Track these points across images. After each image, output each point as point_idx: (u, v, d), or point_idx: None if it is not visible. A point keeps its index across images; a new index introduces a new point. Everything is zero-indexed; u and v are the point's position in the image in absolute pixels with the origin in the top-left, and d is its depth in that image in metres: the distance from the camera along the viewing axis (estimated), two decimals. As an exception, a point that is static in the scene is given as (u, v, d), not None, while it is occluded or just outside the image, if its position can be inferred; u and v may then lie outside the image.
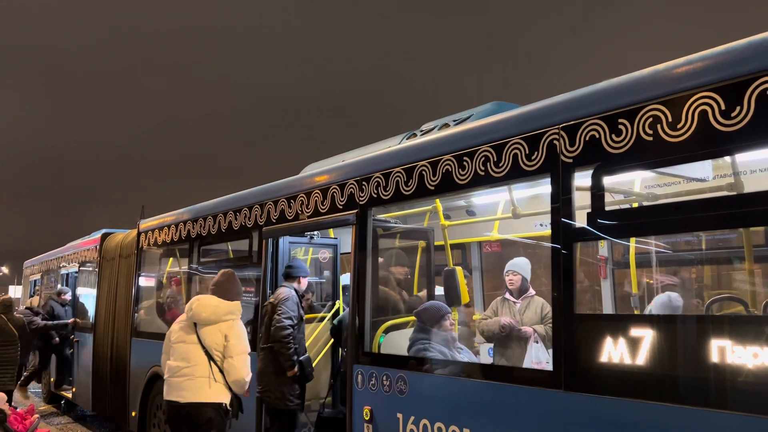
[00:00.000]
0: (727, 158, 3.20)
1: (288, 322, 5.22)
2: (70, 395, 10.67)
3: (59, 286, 11.77)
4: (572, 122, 3.24)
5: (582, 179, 3.21)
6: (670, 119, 2.83)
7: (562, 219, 3.21)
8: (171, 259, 8.05)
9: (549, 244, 3.31)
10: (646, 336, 2.82)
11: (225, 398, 4.55)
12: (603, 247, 5.08)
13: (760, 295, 3.73)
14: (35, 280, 14.91)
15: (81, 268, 10.91)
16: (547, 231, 3.36)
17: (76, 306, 11.08)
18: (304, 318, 5.55)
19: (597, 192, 3.10)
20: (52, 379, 11.63)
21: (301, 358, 5.30)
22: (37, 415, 6.10)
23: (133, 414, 7.88)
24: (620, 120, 3.02)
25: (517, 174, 3.54)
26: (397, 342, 4.66)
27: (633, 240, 4.50)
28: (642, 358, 2.81)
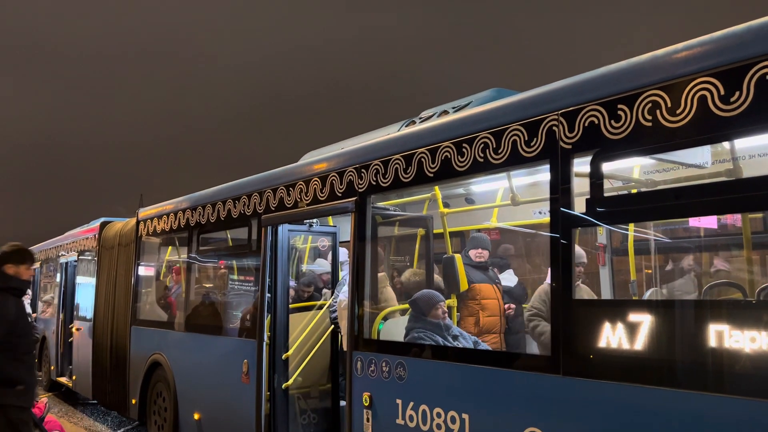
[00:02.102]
0: (726, 144, 3.21)
1: None
2: (70, 383, 10.71)
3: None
4: (571, 108, 3.24)
5: (581, 166, 3.22)
6: (669, 105, 2.82)
7: (561, 205, 3.21)
8: (170, 247, 8.06)
9: (547, 231, 3.31)
10: (644, 321, 2.84)
11: None
12: (602, 235, 5.09)
13: (758, 281, 3.74)
14: (34, 269, 14.92)
15: (80, 257, 10.92)
16: (546, 218, 3.37)
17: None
18: None
19: (596, 178, 3.11)
20: (52, 368, 11.68)
21: None
22: (45, 399, 6.16)
23: (133, 401, 7.91)
24: (619, 106, 3.01)
25: (516, 160, 3.53)
26: (396, 329, 4.68)
27: (632, 227, 4.51)
28: (639, 343, 2.82)
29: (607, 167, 3.18)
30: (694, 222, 4.43)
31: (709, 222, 4.43)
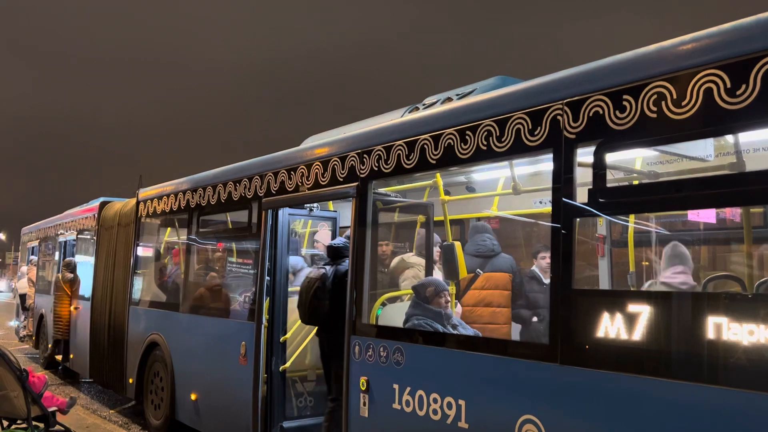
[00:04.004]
0: (731, 137, 3.20)
1: None
2: (67, 362, 10.75)
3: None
4: (576, 98, 3.23)
5: (584, 156, 3.21)
6: (674, 96, 2.82)
7: (564, 195, 3.22)
8: (170, 228, 8.06)
9: (548, 221, 3.32)
10: (642, 312, 2.85)
11: None
12: (602, 226, 5.09)
13: (757, 275, 3.75)
14: (33, 247, 14.93)
15: (79, 236, 10.92)
16: (546, 208, 3.37)
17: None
18: None
19: (599, 168, 3.11)
20: (50, 345, 11.71)
21: None
22: (44, 376, 6.17)
23: (131, 381, 7.96)
24: (625, 96, 3.01)
25: (519, 149, 3.53)
26: (394, 314, 4.70)
27: (632, 218, 4.52)
28: (637, 334, 2.84)
29: (610, 158, 3.18)
30: (693, 215, 4.44)
31: (708, 215, 4.44)
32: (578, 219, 3.27)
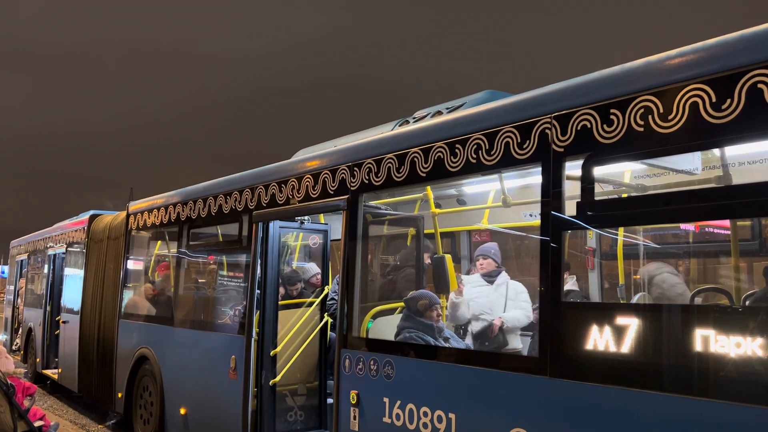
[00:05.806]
0: (717, 150, 3.24)
1: None
2: (56, 376, 10.65)
3: None
4: (564, 112, 3.26)
5: (573, 169, 3.24)
6: (661, 110, 2.85)
7: (552, 208, 3.23)
8: (160, 241, 8.03)
9: (538, 234, 3.33)
10: (631, 324, 2.86)
11: None
12: (591, 238, 5.12)
13: (744, 288, 3.78)
14: (22, 260, 14.82)
15: (68, 249, 10.86)
16: (536, 221, 3.39)
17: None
18: None
19: (587, 182, 3.13)
20: (38, 360, 11.60)
21: None
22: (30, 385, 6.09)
23: (120, 395, 7.88)
24: (612, 110, 3.04)
25: (508, 162, 3.55)
26: (385, 327, 4.69)
27: (621, 231, 4.54)
28: (626, 346, 2.85)
29: (598, 171, 3.20)
30: (683, 227, 4.47)
31: (697, 228, 4.47)
32: (567, 232, 3.28)
